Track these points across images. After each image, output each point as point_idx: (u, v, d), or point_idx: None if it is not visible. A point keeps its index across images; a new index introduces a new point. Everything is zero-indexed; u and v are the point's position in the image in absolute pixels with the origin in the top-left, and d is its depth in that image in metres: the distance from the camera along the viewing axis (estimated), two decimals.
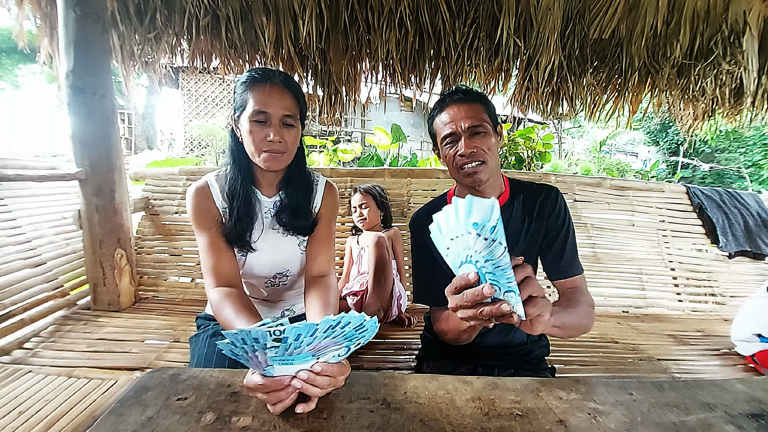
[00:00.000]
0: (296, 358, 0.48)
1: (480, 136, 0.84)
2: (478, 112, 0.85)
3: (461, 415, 0.52)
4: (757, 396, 0.59)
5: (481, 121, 0.84)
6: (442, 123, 0.88)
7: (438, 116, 0.90)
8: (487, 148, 0.84)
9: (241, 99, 0.84)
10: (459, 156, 0.85)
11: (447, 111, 0.87)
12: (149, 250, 1.95)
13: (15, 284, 1.43)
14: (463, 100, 0.87)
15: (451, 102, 0.87)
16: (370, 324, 0.49)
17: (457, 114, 0.85)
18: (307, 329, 0.44)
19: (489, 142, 0.85)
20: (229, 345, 0.45)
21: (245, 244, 0.90)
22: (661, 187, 2.26)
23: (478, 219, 0.46)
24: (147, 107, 11.71)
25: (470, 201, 0.46)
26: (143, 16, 1.82)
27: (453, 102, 0.87)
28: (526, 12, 1.84)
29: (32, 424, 0.91)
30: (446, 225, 0.50)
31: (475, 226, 0.46)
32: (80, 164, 1.55)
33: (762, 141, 9.09)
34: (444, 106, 0.88)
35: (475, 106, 0.86)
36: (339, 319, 0.45)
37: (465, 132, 0.84)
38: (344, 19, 1.85)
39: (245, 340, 0.44)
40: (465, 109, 0.85)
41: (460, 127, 0.84)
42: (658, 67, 1.98)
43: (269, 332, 0.43)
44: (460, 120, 0.84)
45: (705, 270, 2.09)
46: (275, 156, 0.84)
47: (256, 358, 0.47)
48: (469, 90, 0.90)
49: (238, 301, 0.79)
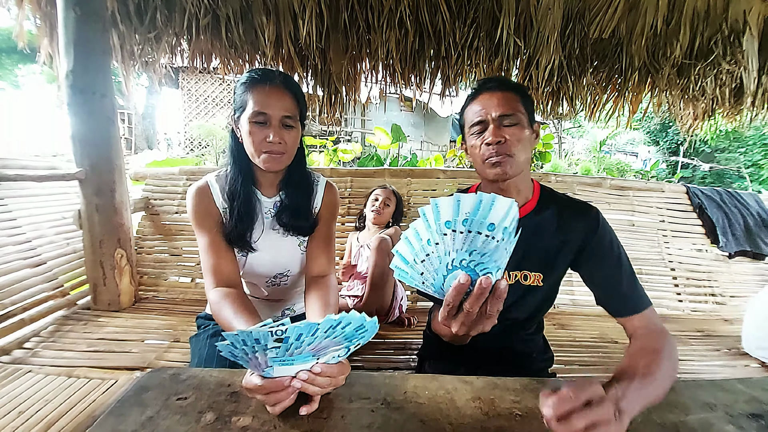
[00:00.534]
0: (296, 358, 0.48)
1: (512, 127, 0.76)
2: (512, 101, 0.78)
3: (461, 415, 0.52)
4: (757, 396, 0.59)
5: (515, 110, 0.77)
6: (473, 111, 0.81)
7: (470, 105, 0.83)
8: (517, 140, 0.76)
9: (241, 100, 0.84)
10: (485, 145, 0.77)
11: (479, 99, 0.81)
12: (149, 250, 1.95)
13: (15, 284, 1.43)
14: (497, 88, 0.80)
15: (486, 90, 0.81)
16: (370, 324, 0.49)
17: (489, 101, 0.78)
18: (309, 328, 0.44)
19: (521, 134, 0.77)
20: (228, 347, 0.45)
21: (245, 244, 0.90)
22: (661, 187, 2.26)
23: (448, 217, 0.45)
24: (147, 107, 11.71)
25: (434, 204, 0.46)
26: (143, 16, 1.82)
27: (487, 90, 0.80)
28: (526, 12, 1.84)
29: (32, 424, 0.91)
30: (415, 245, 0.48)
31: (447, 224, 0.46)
32: (80, 164, 1.55)
33: (762, 141, 9.09)
34: (477, 95, 0.82)
35: (510, 96, 0.79)
36: (340, 319, 0.45)
37: (495, 120, 0.77)
38: (344, 19, 1.85)
39: (246, 341, 0.44)
40: (498, 97, 0.78)
41: (490, 115, 0.77)
42: (658, 66, 1.98)
43: (271, 333, 0.43)
44: (492, 108, 0.77)
45: (705, 270, 2.09)
46: (275, 157, 0.84)
47: (256, 359, 0.47)
48: (506, 79, 0.84)
49: (237, 302, 0.79)
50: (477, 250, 0.47)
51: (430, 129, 11.94)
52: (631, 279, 0.78)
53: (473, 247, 0.47)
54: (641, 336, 0.73)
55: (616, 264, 0.79)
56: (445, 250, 0.48)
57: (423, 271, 0.49)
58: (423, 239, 0.48)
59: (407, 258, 0.49)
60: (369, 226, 1.85)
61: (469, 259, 0.48)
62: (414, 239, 0.48)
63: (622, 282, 0.78)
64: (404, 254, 0.49)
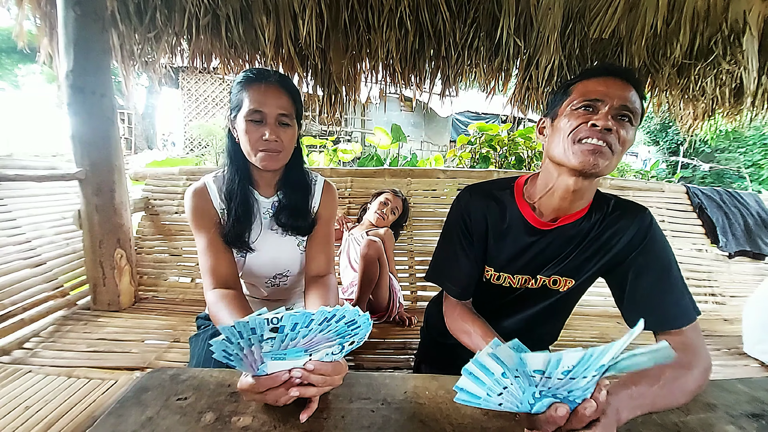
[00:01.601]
0: (289, 353, 0.48)
1: (624, 122, 0.69)
2: (636, 100, 0.70)
3: (461, 415, 0.52)
4: (758, 396, 0.59)
5: (634, 109, 0.69)
6: (590, 87, 0.71)
7: (587, 79, 0.73)
8: (622, 137, 0.68)
9: (237, 99, 0.84)
10: (591, 126, 0.67)
11: (604, 80, 0.71)
12: (149, 250, 1.95)
13: (15, 284, 1.43)
14: (627, 78, 0.71)
15: (615, 74, 0.72)
16: (363, 320, 0.48)
17: (616, 87, 0.69)
18: (304, 318, 0.44)
19: (628, 133, 0.69)
20: (223, 344, 0.44)
21: (244, 244, 0.90)
22: (661, 187, 2.26)
23: (539, 367, 0.39)
24: (147, 107, 11.71)
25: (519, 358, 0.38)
26: (143, 15, 1.82)
27: (616, 75, 0.72)
28: (526, 12, 1.84)
29: (32, 424, 0.91)
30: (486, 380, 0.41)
31: (537, 371, 0.40)
32: (80, 164, 1.55)
33: (762, 141, 9.09)
34: (603, 74, 0.72)
35: (637, 95, 0.71)
36: (334, 312, 0.45)
37: (613, 108, 0.68)
38: (344, 19, 1.85)
39: (242, 333, 0.44)
40: (626, 87, 0.70)
41: (612, 100, 0.68)
42: (658, 66, 1.98)
43: (266, 320, 0.43)
44: (616, 94, 0.68)
45: (705, 270, 2.09)
46: (271, 155, 0.84)
47: (252, 354, 0.47)
48: (635, 75, 0.75)
49: (234, 303, 0.79)
50: (578, 389, 0.42)
51: (430, 129, 11.94)
52: (682, 290, 0.71)
53: (572, 388, 0.42)
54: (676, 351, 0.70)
55: (665, 274, 0.72)
56: (528, 385, 0.42)
57: (502, 402, 0.44)
58: (496, 373, 0.40)
59: (478, 394, 0.42)
60: (366, 221, 1.85)
61: (568, 394, 0.43)
62: (483, 375, 0.41)
63: (670, 293, 0.70)
64: (473, 391, 0.42)
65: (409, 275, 1.94)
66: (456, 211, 0.86)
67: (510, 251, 0.82)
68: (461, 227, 0.83)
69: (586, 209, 0.78)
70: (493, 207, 0.82)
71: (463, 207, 0.84)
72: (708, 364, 0.63)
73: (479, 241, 0.82)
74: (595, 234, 0.78)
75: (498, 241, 0.82)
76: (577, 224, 0.78)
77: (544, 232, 0.79)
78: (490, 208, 0.82)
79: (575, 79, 0.75)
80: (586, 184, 0.72)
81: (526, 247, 0.80)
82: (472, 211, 0.83)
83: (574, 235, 0.78)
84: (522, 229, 0.80)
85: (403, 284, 1.89)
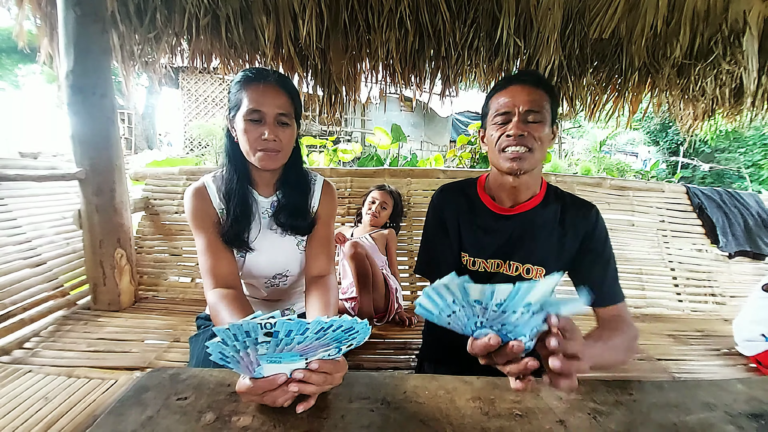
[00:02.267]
0: (284, 356, 0.48)
1: (535, 124, 0.78)
2: (540, 98, 0.79)
3: (461, 415, 0.52)
4: (757, 396, 0.59)
5: (541, 108, 0.79)
6: (499, 101, 0.82)
7: (497, 94, 0.84)
8: (538, 136, 0.78)
9: (236, 98, 0.84)
10: (506, 136, 0.79)
11: (509, 90, 0.81)
12: (149, 250, 1.95)
13: (15, 284, 1.43)
14: (529, 82, 0.81)
15: (517, 82, 0.82)
16: (361, 326, 0.49)
17: (518, 95, 0.79)
18: (299, 326, 0.44)
19: (542, 131, 0.79)
20: (219, 345, 0.44)
21: (242, 244, 0.90)
22: (661, 187, 2.26)
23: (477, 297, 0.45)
24: (147, 107, 11.70)
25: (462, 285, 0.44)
26: (143, 16, 1.82)
27: (519, 82, 0.81)
28: (526, 12, 1.84)
29: (32, 424, 0.91)
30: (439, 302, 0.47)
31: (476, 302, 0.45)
32: (80, 164, 1.55)
33: (762, 141, 9.09)
34: (507, 85, 0.83)
35: (539, 92, 0.80)
36: (331, 323, 0.45)
37: (521, 114, 0.78)
38: (344, 19, 1.85)
39: (237, 335, 0.44)
40: (528, 91, 0.79)
41: (517, 108, 0.78)
42: (658, 67, 1.98)
43: (260, 324, 0.43)
44: (520, 101, 0.79)
45: (705, 270, 2.09)
46: (270, 155, 0.84)
47: (247, 356, 0.47)
48: (539, 76, 0.85)
49: (234, 303, 0.78)
50: (509, 324, 0.47)
51: (430, 129, 11.94)
52: (615, 275, 0.85)
53: (505, 321, 0.47)
54: (611, 320, 0.81)
55: (605, 262, 0.85)
56: (472, 315, 0.48)
57: (449, 322, 0.50)
58: (447, 300, 0.46)
59: (432, 311, 0.48)
60: (365, 224, 1.85)
61: (503, 329, 0.48)
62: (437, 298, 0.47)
63: (607, 278, 0.85)
64: (429, 308, 0.48)
65: (409, 275, 1.94)
66: (431, 208, 0.97)
67: (480, 236, 0.91)
68: (437, 221, 0.94)
69: (539, 196, 0.89)
70: (462, 200, 0.94)
71: (436, 204, 0.96)
72: (636, 333, 0.77)
73: (453, 230, 0.93)
74: (554, 224, 0.88)
75: (469, 228, 0.92)
76: (536, 211, 0.88)
77: (507, 217, 0.89)
78: (460, 201, 0.93)
79: (490, 93, 0.88)
80: (523, 179, 0.83)
81: (493, 231, 0.90)
82: (444, 206, 0.94)
83: (534, 220, 0.88)
84: (487, 215, 0.91)
85: (404, 284, 1.89)
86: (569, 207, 0.88)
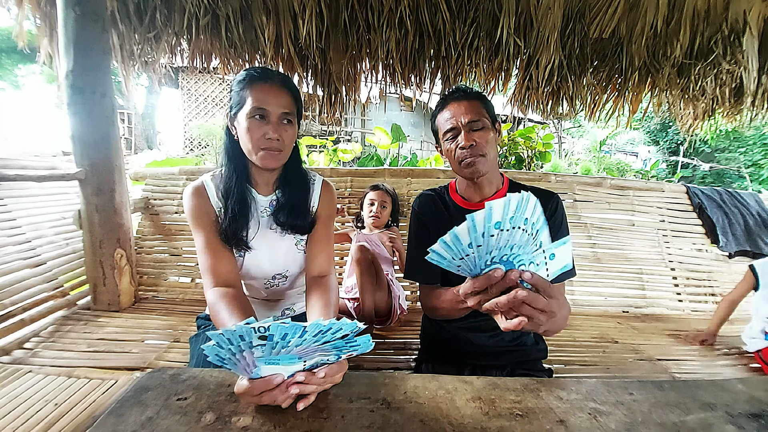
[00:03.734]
0: (282, 358, 0.48)
1: (479, 131, 0.90)
2: (476, 108, 0.91)
3: (461, 415, 0.52)
4: (757, 396, 0.59)
5: (480, 116, 0.90)
6: (444, 119, 0.93)
7: (440, 114, 0.96)
8: (485, 141, 0.89)
9: (239, 97, 0.84)
10: (459, 149, 0.90)
11: (448, 108, 0.93)
12: (149, 250, 1.95)
13: (15, 284, 1.43)
14: (463, 97, 0.93)
15: (452, 100, 0.93)
16: (363, 341, 0.49)
17: (457, 110, 0.91)
18: (295, 330, 0.44)
19: (487, 136, 0.90)
20: (214, 348, 0.44)
21: (241, 242, 0.90)
22: (661, 186, 2.25)
23: (499, 218, 0.48)
24: (147, 107, 11.71)
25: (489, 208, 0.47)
26: (143, 15, 1.82)
27: (453, 99, 0.93)
28: (526, 12, 1.84)
29: (32, 424, 0.91)
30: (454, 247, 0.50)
31: (497, 225, 0.48)
32: (80, 164, 1.55)
33: (762, 141, 9.09)
34: (445, 104, 0.94)
35: (474, 103, 0.91)
36: (330, 325, 0.45)
37: (465, 126, 0.89)
38: (344, 18, 1.85)
39: (231, 340, 0.44)
40: (465, 105, 0.91)
41: (460, 122, 0.90)
42: (658, 66, 1.98)
43: (254, 329, 0.43)
44: (461, 115, 0.90)
45: (705, 270, 2.09)
46: (272, 154, 0.84)
47: (244, 359, 0.47)
48: (468, 89, 0.96)
49: (233, 302, 0.78)
50: (516, 244, 0.51)
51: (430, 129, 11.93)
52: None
53: (513, 242, 0.51)
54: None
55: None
56: (487, 249, 0.50)
57: (460, 266, 0.53)
58: (464, 242, 0.49)
59: (445, 256, 0.51)
60: (368, 227, 1.85)
61: (510, 253, 0.52)
62: (453, 243, 0.49)
63: None
64: (442, 254, 0.51)
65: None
66: (413, 215, 1.04)
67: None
68: (418, 225, 1.02)
69: (503, 190, 0.97)
70: (437, 202, 1.02)
71: (417, 210, 1.03)
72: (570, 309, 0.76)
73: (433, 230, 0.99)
74: None
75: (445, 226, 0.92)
76: None
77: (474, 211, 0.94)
78: (435, 203, 1.02)
79: (434, 114, 0.99)
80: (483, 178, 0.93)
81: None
82: (422, 210, 1.02)
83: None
84: (459, 212, 0.98)
85: (404, 284, 1.88)
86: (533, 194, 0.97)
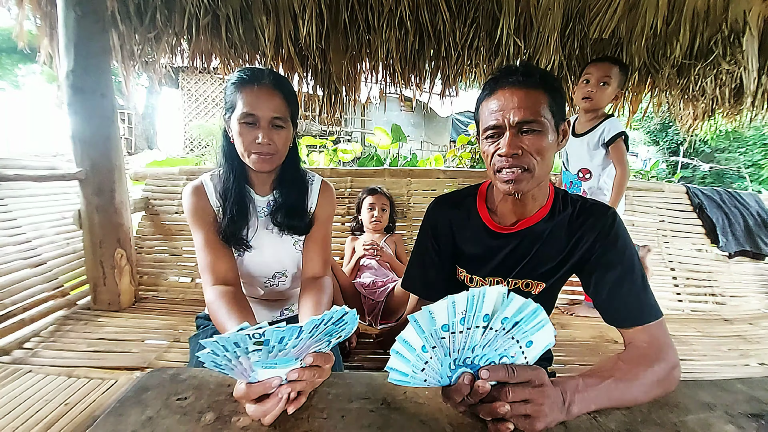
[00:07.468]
0: (279, 361, 0.48)
1: (531, 135, 0.66)
2: (536, 103, 0.66)
3: (461, 415, 0.52)
4: (757, 396, 0.59)
5: (537, 116, 0.66)
6: (488, 111, 0.69)
7: (485, 101, 0.71)
8: (536, 151, 0.67)
9: (231, 100, 0.84)
10: (498, 155, 0.68)
11: (496, 96, 0.68)
12: (149, 250, 1.95)
13: (15, 284, 1.43)
14: (520, 83, 0.67)
15: (506, 85, 0.68)
16: (350, 317, 0.49)
17: (508, 102, 0.66)
18: (291, 332, 0.44)
19: (542, 143, 0.67)
20: (210, 355, 0.44)
21: (240, 242, 0.90)
22: (661, 187, 2.25)
23: (444, 321, 0.43)
24: (147, 107, 11.69)
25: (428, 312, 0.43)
26: (143, 16, 1.82)
27: (508, 85, 0.68)
28: (526, 12, 1.84)
29: (32, 424, 0.91)
30: (410, 357, 0.46)
31: (444, 328, 0.44)
32: (80, 164, 1.55)
33: (762, 141, 9.08)
34: (495, 89, 0.69)
35: (535, 95, 0.66)
36: (323, 318, 0.45)
37: (513, 127, 0.66)
38: (344, 19, 1.85)
39: (226, 347, 0.43)
40: (520, 97, 0.66)
41: (507, 120, 0.66)
42: (658, 66, 1.98)
43: (249, 336, 0.42)
44: (510, 110, 0.66)
45: (705, 270, 2.08)
46: (264, 158, 0.84)
47: (240, 365, 0.46)
48: (532, 71, 0.68)
49: (232, 301, 0.78)
50: (478, 344, 0.46)
51: (430, 129, 11.94)
52: (640, 289, 0.69)
53: (473, 343, 0.46)
54: (638, 347, 0.65)
55: (627, 272, 0.69)
56: (444, 352, 0.46)
57: (426, 378, 0.48)
58: (417, 348, 0.45)
59: (405, 371, 0.47)
60: (369, 230, 1.84)
61: (472, 355, 0.47)
62: (407, 352, 0.45)
63: (632, 290, 0.68)
64: (401, 369, 0.46)
65: None
66: (425, 223, 0.91)
67: (476, 255, 0.84)
68: (430, 237, 0.89)
69: (546, 209, 0.78)
70: (457, 214, 0.86)
71: (430, 218, 0.89)
72: (674, 362, 0.61)
73: (447, 245, 0.87)
74: (561, 235, 0.77)
75: (465, 244, 0.85)
76: (539, 225, 0.78)
77: (507, 236, 0.80)
78: (455, 215, 0.86)
79: (479, 98, 0.75)
80: (526, 195, 0.73)
81: (490, 250, 0.82)
82: (438, 221, 0.87)
83: (538, 235, 0.78)
84: (484, 233, 0.82)
85: None
86: (579, 213, 0.76)
